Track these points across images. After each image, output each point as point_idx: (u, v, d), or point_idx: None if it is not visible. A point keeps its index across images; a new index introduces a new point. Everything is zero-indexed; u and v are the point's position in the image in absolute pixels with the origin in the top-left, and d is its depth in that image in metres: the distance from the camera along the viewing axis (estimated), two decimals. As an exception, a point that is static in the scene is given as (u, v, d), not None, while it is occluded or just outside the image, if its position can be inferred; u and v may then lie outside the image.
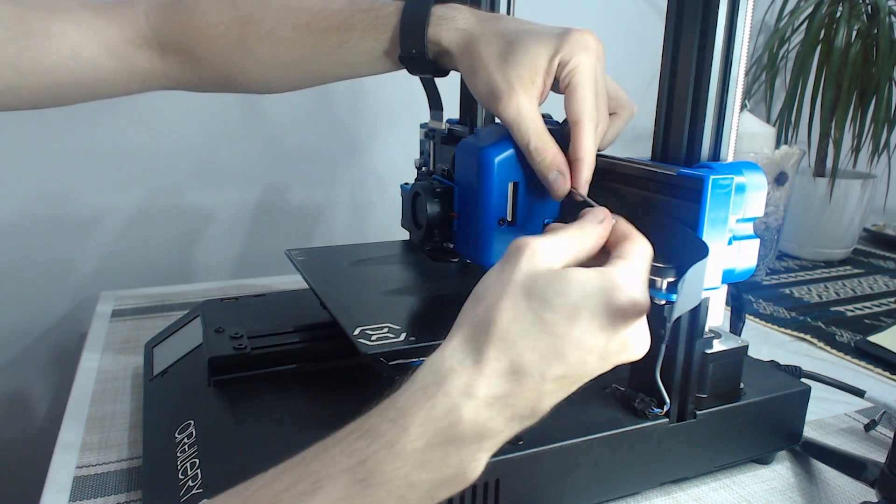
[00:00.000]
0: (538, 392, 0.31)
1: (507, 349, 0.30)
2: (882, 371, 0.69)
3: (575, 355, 0.31)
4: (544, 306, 0.30)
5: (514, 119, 0.42)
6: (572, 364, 0.31)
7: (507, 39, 0.44)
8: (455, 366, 0.30)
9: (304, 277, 0.57)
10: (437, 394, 0.29)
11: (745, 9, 0.40)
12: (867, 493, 0.48)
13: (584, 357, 0.31)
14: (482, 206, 0.46)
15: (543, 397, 0.31)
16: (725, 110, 0.41)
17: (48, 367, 0.95)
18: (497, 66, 0.43)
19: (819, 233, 1.07)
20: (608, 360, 0.32)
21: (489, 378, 0.30)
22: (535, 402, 0.31)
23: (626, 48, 1.17)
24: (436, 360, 0.31)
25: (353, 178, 1.05)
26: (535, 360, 0.30)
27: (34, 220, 0.88)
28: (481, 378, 0.30)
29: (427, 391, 0.30)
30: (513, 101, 0.42)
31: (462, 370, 0.30)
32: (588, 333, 0.31)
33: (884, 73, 0.99)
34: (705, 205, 0.38)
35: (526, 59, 0.42)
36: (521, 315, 0.30)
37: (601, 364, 0.32)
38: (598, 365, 0.32)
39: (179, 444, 0.45)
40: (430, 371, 0.31)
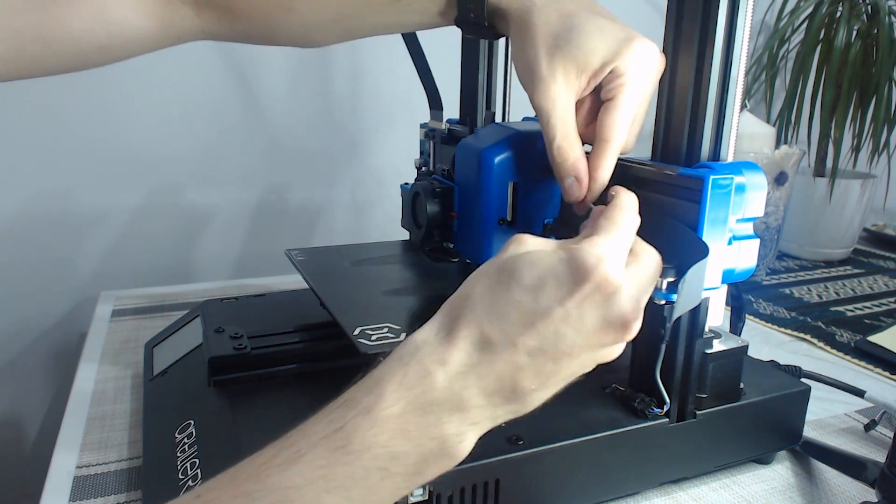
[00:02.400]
0: (512, 364, 0.30)
1: (477, 320, 0.31)
2: (882, 371, 0.69)
3: (544, 323, 0.30)
4: (513, 279, 0.31)
5: (547, 110, 0.40)
6: (545, 336, 0.30)
7: (568, 22, 0.40)
8: (430, 338, 0.31)
9: (304, 277, 0.57)
10: (410, 362, 0.30)
11: (745, 9, 0.40)
12: (867, 493, 0.48)
13: (556, 326, 0.30)
14: (482, 206, 0.47)
15: (520, 372, 0.31)
16: (725, 110, 0.41)
17: (48, 367, 0.95)
18: (547, 49, 0.40)
19: (819, 233, 1.07)
20: (587, 335, 0.31)
21: (460, 348, 0.30)
22: (510, 376, 0.31)
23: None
24: (414, 335, 0.32)
25: (353, 178, 1.05)
26: (504, 329, 0.30)
27: (34, 219, 0.88)
28: (452, 348, 0.30)
29: (402, 360, 0.31)
30: (550, 90, 0.40)
31: (436, 341, 0.31)
32: (554, 300, 0.30)
33: (884, 73, 0.99)
34: (705, 205, 0.38)
35: (579, 52, 0.39)
36: (492, 289, 0.31)
37: (579, 338, 0.31)
38: (576, 338, 0.31)
39: (179, 444, 0.45)
40: (406, 344, 0.32)
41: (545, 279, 0.31)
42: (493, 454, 0.40)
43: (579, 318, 0.30)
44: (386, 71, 1.01)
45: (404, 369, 0.30)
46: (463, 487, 0.40)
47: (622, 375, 0.49)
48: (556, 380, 0.32)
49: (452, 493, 0.40)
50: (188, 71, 0.90)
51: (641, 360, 0.46)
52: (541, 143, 0.47)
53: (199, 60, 0.90)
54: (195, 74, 0.90)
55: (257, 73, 0.94)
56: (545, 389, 0.32)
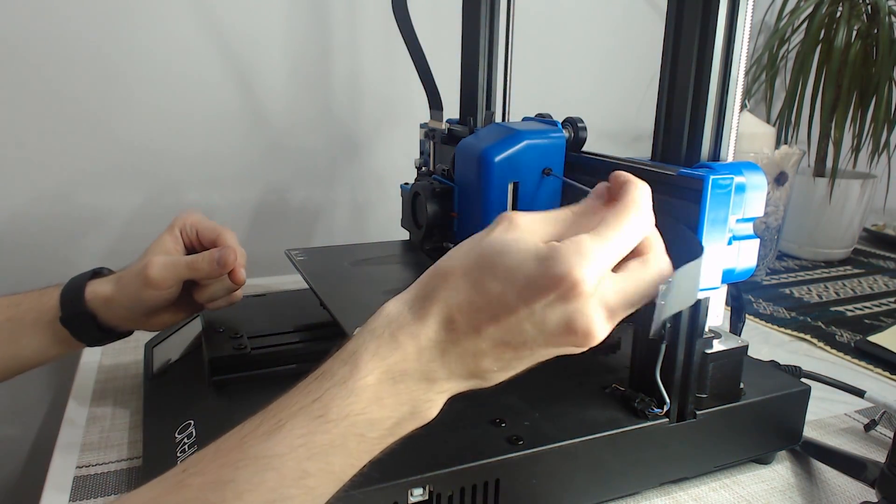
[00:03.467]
0: (473, 348, 0.31)
1: (449, 301, 0.31)
2: (882, 371, 0.69)
3: (507, 318, 0.31)
4: (488, 268, 0.31)
5: None
6: (507, 327, 0.31)
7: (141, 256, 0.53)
8: (404, 311, 0.32)
9: (304, 277, 0.57)
10: (384, 334, 0.32)
11: (745, 9, 0.40)
12: (867, 493, 0.48)
13: (519, 323, 0.31)
14: (482, 206, 0.47)
15: (481, 356, 0.32)
16: (725, 110, 0.41)
17: (48, 368, 0.94)
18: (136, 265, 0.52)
19: (819, 233, 1.07)
20: (548, 335, 0.31)
21: (429, 325, 0.31)
22: (472, 357, 0.32)
23: (626, 48, 1.17)
24: (388, 305, 0.33)
25: (353, 177, 1.05)
26: (469, 314, 0.31)
27: (34, 219, 0.88)
28: (423, 323, 0.31)
29: (375, 332, 0.32)
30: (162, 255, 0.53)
31: (409, 314, 0.32)
32: (521, 299, 0.30)
33: (884, 73, 0.99)
34: (705, 205, 0.38)
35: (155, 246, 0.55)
36: (468, 275, 0.32)
37: (540, 337, 0.31)
38: (537, 336, 0.31)
39: (179, 444, 0.45)
40: (381, 316, 0.33)
41: (517, 274, 0.31)
42: (493, 454, 0.40)
43: (542, 318, 0.30)
44: (386, 71, 1.01)
45: (378, 341, 0.32)
46: (463, 487, 0.40)
47: (622, 375, 0.49)
48: (516, 364, 0.33)
49: (452, 493, 0.40)
50: (188, 71, 0.90)
51: (641, 360, 0.46)
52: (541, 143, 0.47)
53: (200, 60, 0.90)
54: (195, 74, 0.90)
55: (257, 73, 0.94)
56: (506, 371, 0.33)
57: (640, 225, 0.33)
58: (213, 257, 0.51)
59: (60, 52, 0.83)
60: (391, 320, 0.32)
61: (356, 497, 0.36)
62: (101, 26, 0.84)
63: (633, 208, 0.32)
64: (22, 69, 0.82)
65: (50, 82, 0.84)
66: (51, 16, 0.82)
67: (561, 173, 0.47)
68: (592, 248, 0.30)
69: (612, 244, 0.31)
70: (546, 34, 1.09)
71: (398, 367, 0.31)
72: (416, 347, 0.31)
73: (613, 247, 0.31)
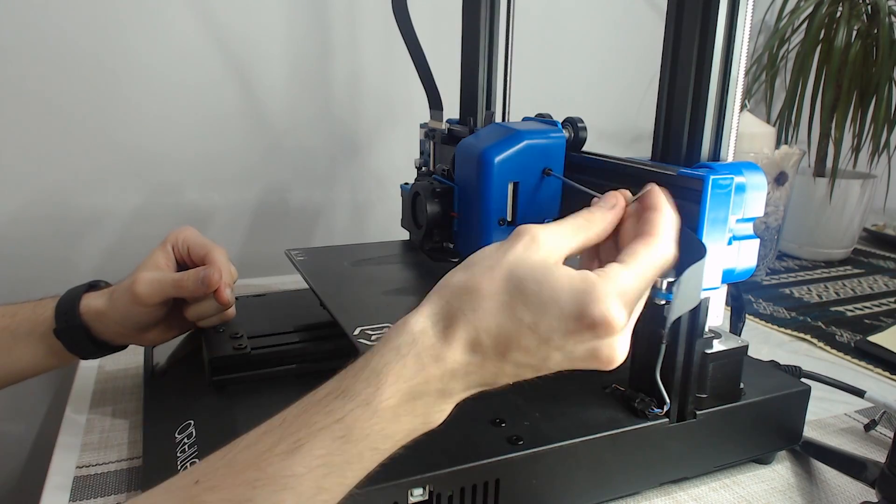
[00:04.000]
0: (498, 370, 0.32)
1: (475, 326, 0.31)
2: (882, 371, 0.69)
3: (537, 349, 0.31)
4: (519, 295, 0.31)
5: None
6: (534, 355, 0.31)
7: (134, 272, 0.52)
8: (427, 329, 0.32)
9: (304, 277, 0.57)
10: (408, 354, 0.31)
11: (745, 9, 0.40)
12: (867, 493, 0.48)
13: (548, 353, 0.31)
14: (482, 206, 0.47)
15: (503, 376, 0.33)
16: (725, 110, 0.41)
17: (48, 367, 0.94)
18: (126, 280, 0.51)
19: (819, 233, 1.07)
20: (574, 362, 0.32)
21: (455, 348, 0.31)
22: (494, 377, 0.33)
23: (626, 48, 1.17)
24: (410, 320, 0.32)
25: (353, 177, 1.05)
26: (498, 342, 0.31)
27: (34, 220, 0.88)
28: (448, 346, 0.31)
29: (399, 351, 0.31)
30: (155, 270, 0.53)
31: (433, 334, 0.32)
32: (554, 332, 0.31)
33: (884, 73, 0.99)
34: (705, 205, 0.38)
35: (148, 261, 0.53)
36: (496, 298, 0.31)
37: (565, 363, 0.32)
38: (562, 363, 0.32)
39: (179, 444, 0.45)
40: (403, 331, 0.32)
41: (550, 307, 0.31)
42: (493, 454, 0.40)
43: (572, 351, 0.31)
44: (386, 71, 1.01)
45: (402, 361, 0.31)
46: (463, 487, 0.40)
47: (622, 375, 0.49)
48: (529, 377, 0.33)
49: (452, 493, 0.40)
50: (188, 71, 0.90)
51: (641, 360, 0.46)
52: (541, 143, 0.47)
53: (199, 60, 0.90)
54: (195, 75, 0.90)
55: (257, 73, 0.94)
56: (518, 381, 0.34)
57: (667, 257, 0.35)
58: (197, 276, 0.51)
59: (60, 53, 0.83)
60: (415, 339, 0.32)
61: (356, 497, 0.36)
62: (100, 27, 0.84)
63: (665, 242, 0.35)
64: (21, 70, 0.82)
65: (50, 83, 0.84)
66: (50, 16, 0.82)
67: (561, 173, 0.47)
68: (628, 286, 0.32)
69: (644, 280, 0.33)
70: (546, 34, 1.09)
71: (420, 388, 0.31)
72: (439, 370, 0.31)
73: (645, 282, 0.33)
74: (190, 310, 0.53)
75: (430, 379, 0.31)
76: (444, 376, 0.31)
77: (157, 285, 0.50)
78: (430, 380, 0.31)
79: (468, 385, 0.32)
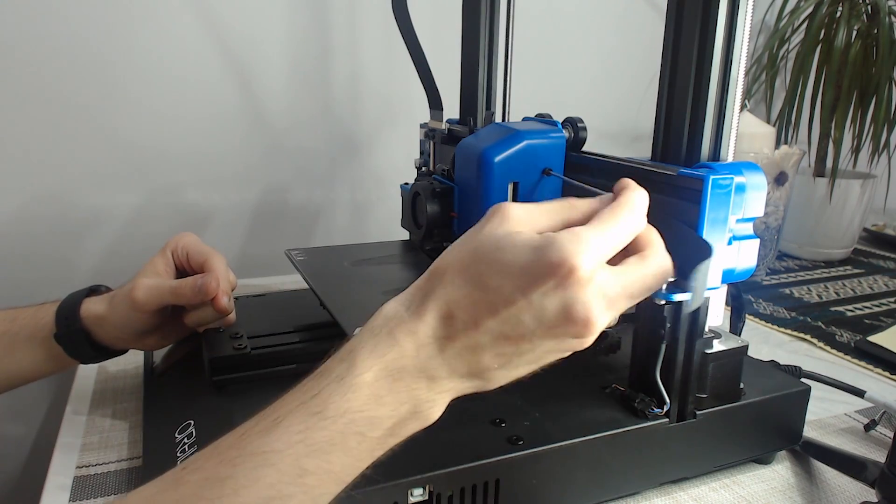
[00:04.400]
0: (472, 342, 0.31)
1: (446, 296, 0.32)
2: (882, 371, 0.69)
3: (506, 310, 0.31)
4: (484, 261, 0.31)
5: None
6: (505, 319, 0.31)
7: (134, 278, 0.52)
8: (400, 310, 0.33)
9: (304, 277, 0.57)
10: (381, 332, 0.32)
11: (745, 9, 0.40)
12: (867, 493, 0.48)
13: (517, 313, 0.31)
14: (482, 206, 0.47)
15: (480, 350, 0.31)
16: (725, 110, 0.41)
17: (48, 367, 0.94)
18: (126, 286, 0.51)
19: (819, 233, 1.07)
20: (547, 326, 0.31)
21: (426, 321, 0.32)
22: (471, 352, 0.32)
23: (626, 48, 1.17)
24: (386, 307, 0.33)
25: (353, 177, 1.05)
26: (466, 308, 0.31)
27: (34, 220, 0.88)
28: (420, 320, 0.32)
29: (373, 331, 0.32)
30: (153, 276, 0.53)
31: (406, 313, 0.32)
32: (518, 290, 0.30)
33: (884, 73, 0.99)
34: (705, 205, 0.38)
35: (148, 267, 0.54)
36: (463, 270, 0.32)
37: (539, 328, 0.31)
38: (536, 327, 0.31)
39: (179, 444, 0.45)
40: (379, 316, 0.33)
41: (514, 266, 0.31)
42: (493, 454, 0.40)
43: (540, 308, 0.30)
44: (386, 71, 1.01)
45: (375, 339, 0.32)
46: (463, 487, 0.40)
47: (622, 375, 0.49)
48: (517, 361, 0.32)
49: (452, 493, 0.40)
50: (188, 71, 0.90)
51: (641, 360, 0.46)
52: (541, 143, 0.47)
53: (199, 60, 0.90)
54: (195, 74, 0.90)
55: (258, 73, 0.94)
56: (508, 370, 0.33)
57: (632, 220, 0.33)
58: (195, 284, 0.51)
59: (60, 52, 0.83)
60: (389, 319, 0.33)
61: (356, 497, 0.36)
62: (100, 26, 0.84)
63: (627, 204, 0.34)
64: (22, 69, 0.82)
65: (50, 82, 0.84)
66: (50, 16, 0.82)
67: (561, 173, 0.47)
68: (588, 236, 0.31)
69: (606, 235, 0.32)
70: (546, 34, 1.09)
71: (396, 364, 0.31)
72: (414, 344, 0.31)
73: (608, 238, 0.32)
74: (189, 316, 0.53)
75: (404, 353, 0.31)
76: (420, 351, 0.31)
77: (155, 292, 0.50)
78: (404, 354, 0.31)
79: (450, 369, 0.32)
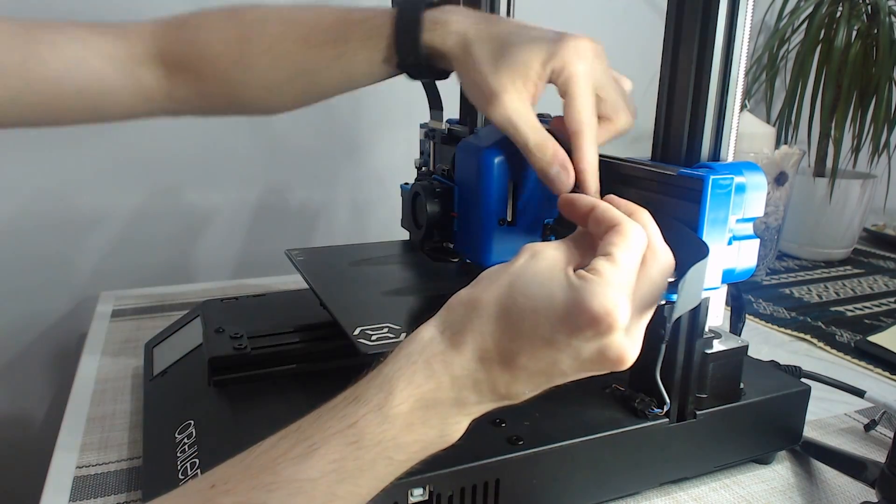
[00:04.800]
0: (508, 377, 0.32)
1: (482, 331, 0.32)
2: (882, 371, 0.69)
3: (543, 353, 0.31)
4: (518, 301, 0.32)
5: (507, 120, 0.41)
6: (541, 358, 0.31)
7: (500, 42, 0.43)
8: (436, 336, 0.32)
9: (304, 277, 0.57)
10: (418, 360, 0.32)
11: (745, 9, 0.40)
12: (867, 493, 0.48)
13: (555, 356, 0.31)
14: (482, 206, 0.47)
15: (514, 383, 0.32)
16: (725, 110, 0.41)
17: (48, 367, 0.94)
18: (490, 69, 0.42)
19: (819, 233, 1.07)
20: (584, 365, 0.32)
21: (463, 354, 0.32)
22: (506, 385, 0.32)
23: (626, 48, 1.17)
24: (421, 331, 0.33)
25: (353, 178, 1.05)
26: (503, 349, 0.31)
27: (34, 220, 0.88)
28: (457, 353, 0.32)
29: (410, 358, 0.32)
30: (504, 102, 0.41)
31: (442, 341, 0.32)
32: (557, 333, 0.31)
33: (884, 73, 0.99)
34: (705, 205, 0.38)
35: (518, 63, 0.42)
36: (498, 307, 0.32)
37: (576, 366, 0.32)
38: (573, 366, 0.32)
39: (179, 444, 0.45)
40: (414, 340, 0.33)
41: (552, 308, 0.31)
42: (493, 454, 0.40)
43: (577, 351, 0.31)
44: (386, 71, 1.01)
45: (412, 367, 0.32)
46: (463, 487, 0.40)
47: (622, 375, 0.49)
48: (546, 386, 0.33)
49: (452, 493, 0.40)
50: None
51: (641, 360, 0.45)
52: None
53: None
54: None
55: (257, 73, 0.94)
56: (535, 392, 0.33)
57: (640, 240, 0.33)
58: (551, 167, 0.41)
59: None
60: (425, 346, 0.32)
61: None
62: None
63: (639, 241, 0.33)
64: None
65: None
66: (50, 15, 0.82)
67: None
68: (620, 282, 0.31)
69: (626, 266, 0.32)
70: (546, 34, 1.09)
71: (432, 396, 0.31)
72: (450, 377, 0.31)
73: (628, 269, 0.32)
74: None
75: (441, 385, 0.31)
76: (455, 383, 0.31)
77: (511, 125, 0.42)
78: (441, 386, 0.31)
79: (481, 397, 0.32)
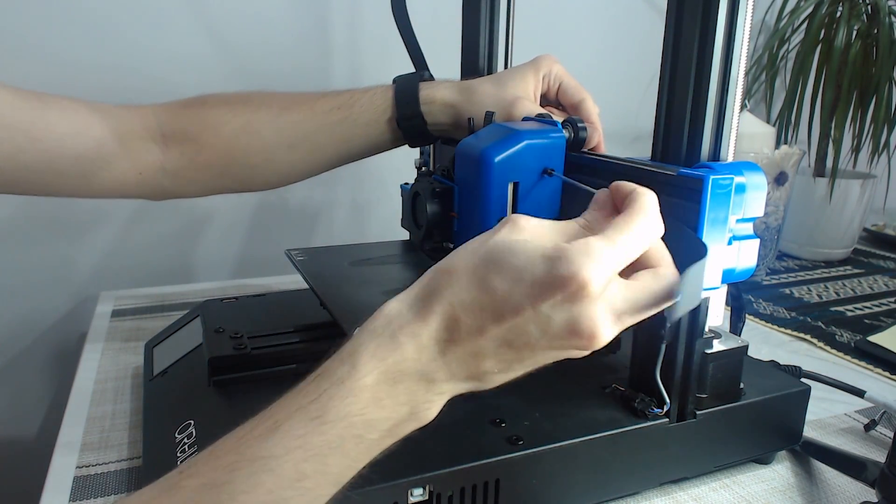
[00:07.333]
0: (476, 348, 0.31)
1: (452, 300, 0.31)
2: (882, 371, 0.69)
3: (512, 318, 0.30)
4: (493, 266, 0.31)
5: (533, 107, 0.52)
6: (511, 327, 0.31)
7: (494, 79, 0.55)
8: (403, 310, 0.32)
9: (304, 277, 0.57)
10: (383, 334, 0.31)
11: (745, 9, 0.40)
12: (867, 493, 0.48)
13: (524, 323, 0.30)
14: (482, 206, 0.46)
15: (483, 356, 0.31)
16: (725, 110, 0.41)
17: (48, 367, 0.94)
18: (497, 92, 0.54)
19: (819, 233, 1.07)
20: (551, 337, 0.31)
21: (430, 324, 0.31)
22: (473, 358, 0.31)
23: (626, 48, 1.17)
24: (388, 307, 0.33)
25: (353, 178, 1.05)
26: (472, 313, 0.31)
27: (34, 219, 0.88)
28: (424, 323, 0.31)
29: (375, 332, 0.32)
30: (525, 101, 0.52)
31: (409, 314, 0.32)
32: (527, 299, 0.30)
33: (884, 73, 0.99)
34: (705, 205, 0.38)
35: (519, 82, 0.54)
36: (472, 273, 0.31)
37: (543, 338, 0.31)
38: (540, 337, 0.31)
39: (179, 444, 0.45)
40: (381, 316, 0.32)
41: (524, 274, 0.30)
42: (493, 454, 0.40)
43: (547, 319, 0.30)
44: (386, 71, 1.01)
45: (376, 340, 0.31)
46: (463, 487, 0.40)
47: (622, 375, 0.49)
48: (517, 366, 0.32)
49: (452, 493, 0.40)
50: (188, 71, 0.90)
51: (641, 360, 0.46)
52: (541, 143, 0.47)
53: (200, 60, 0.90)
54: (196, 74, 0.90)
55: (258, 73, 0.94)
56: (506, 373, 0.33)
57: (649, 230, 0.33)
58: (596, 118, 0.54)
59: (61, 51, 0.83)
60: (391, 320, 0.32)
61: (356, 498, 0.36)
62: (101, 25, 0.84)
63: (642, 214, 0.33)
64: (22, 67, 0.82)
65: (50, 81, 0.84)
66: (51, 14, 0.82)
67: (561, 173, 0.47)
68: (601, 250, 0.30)
69: (620, 248, 0.31)
70: (546, 34, 1.09)
71: (397, 368, 0.31)
72: (416, 347, 0.31)
73: (622, 250, 0.31)
74: None
75: (406, 357, 0.31)
76: (422, 354, 0.31)
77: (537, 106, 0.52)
78: (406, 358, 0.31)
79: (450, 373, 0.32)
